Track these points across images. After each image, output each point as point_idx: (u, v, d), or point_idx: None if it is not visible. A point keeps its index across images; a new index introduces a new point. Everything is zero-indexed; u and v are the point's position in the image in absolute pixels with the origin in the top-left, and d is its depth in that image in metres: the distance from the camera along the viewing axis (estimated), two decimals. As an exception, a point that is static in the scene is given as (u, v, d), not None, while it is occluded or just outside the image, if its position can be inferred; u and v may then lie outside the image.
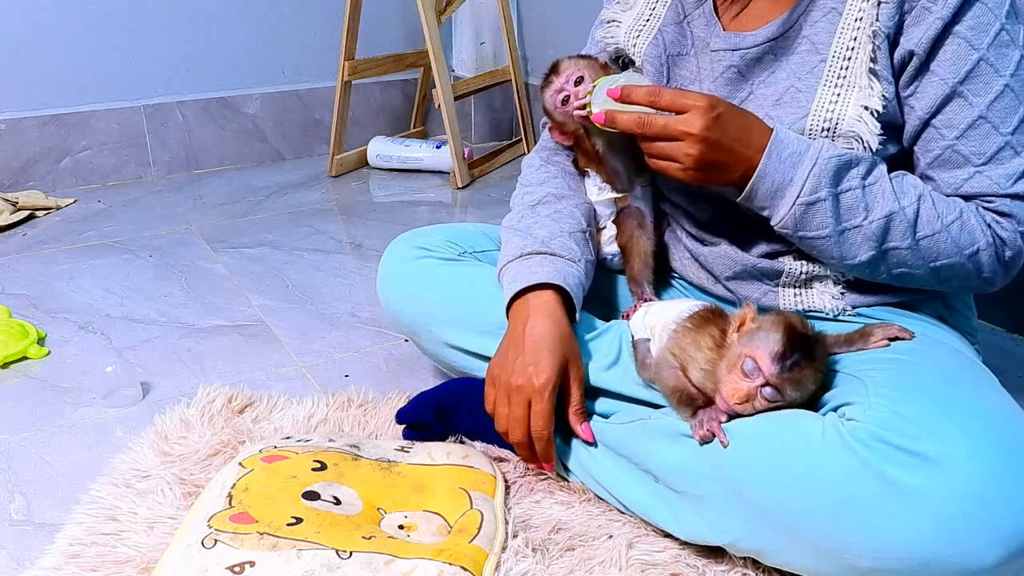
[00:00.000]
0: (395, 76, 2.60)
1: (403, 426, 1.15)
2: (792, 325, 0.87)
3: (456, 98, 2.30)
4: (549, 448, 0.98)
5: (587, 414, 1.01)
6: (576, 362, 0.99)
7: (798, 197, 0.89)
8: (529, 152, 2.65)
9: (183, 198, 2.23)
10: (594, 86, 0.99)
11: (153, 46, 2.31)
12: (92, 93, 2.27)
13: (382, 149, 2.46)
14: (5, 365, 1.38)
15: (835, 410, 0.85)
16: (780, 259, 0.99)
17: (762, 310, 0.98)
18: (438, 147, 2.41)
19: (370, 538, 0.89)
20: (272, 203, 2.19)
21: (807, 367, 0.85)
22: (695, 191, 1.04)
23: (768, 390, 0.85)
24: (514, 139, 2.66)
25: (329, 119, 2.44)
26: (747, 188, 0.91)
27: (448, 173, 2.37)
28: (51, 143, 2.23)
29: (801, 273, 0.99)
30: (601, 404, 1.04)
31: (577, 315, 1.02)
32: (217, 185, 2.33)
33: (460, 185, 2.29)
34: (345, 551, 0.86)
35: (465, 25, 2.66)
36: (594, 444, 0.99)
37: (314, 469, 0.98)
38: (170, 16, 2.30)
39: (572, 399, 0.99)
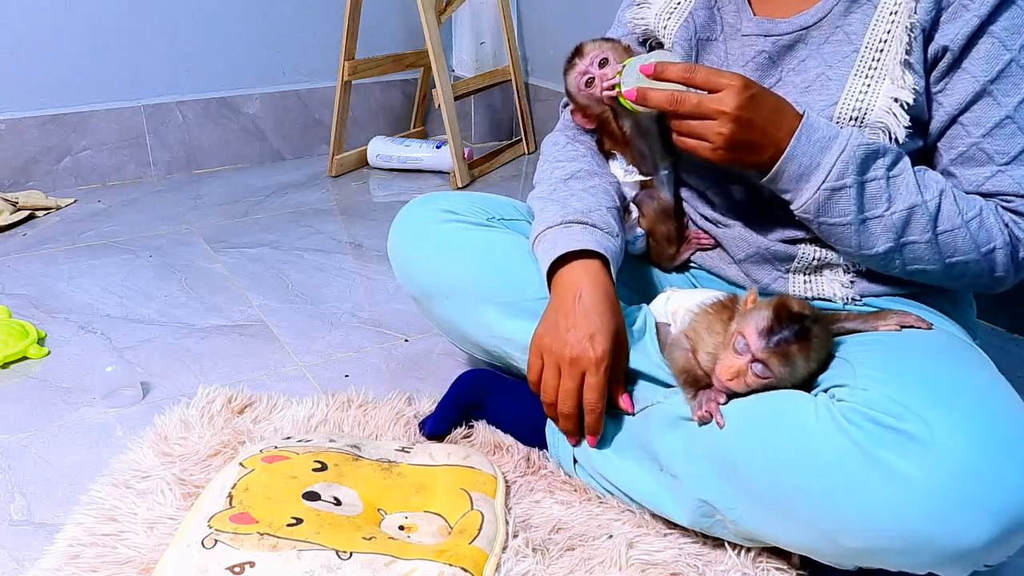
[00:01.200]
0: (395, 76, 2.60)
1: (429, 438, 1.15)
2: (785, 304, 0.88)
3: (456, 98, 2.30)
4: (600, 421, 0.98)
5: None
6: (624, 334, 0.99)
7: (824, 181, 0.89)
8: (529, 152, 2.66)
9: (183, 198, 2.23)
10: (623, 65, 0.98)
11: (153, 46, 2.31)
12: (92, 93, 2.27)
13: (382, 149, 2.46)
14: (5, 365, 1.38)
15: (825, 391, 0.85)
16: (793, 244, 1.00)
17: (768, 295, 0.98)
18: (438, 147, 2.41)
19: (370, 539, 0.89)
20: (272, 203, 2.19)
21: (795, 343, 0.85)
22: (714, 175, 1.05)
23: (757, 366, 0.86)
24: (514, 139, 2.66)
25: (329, 119, 2.44)
26: (774, 169, 0.90)
27: (448, 173, 2.37)
28: (51, 143, 2.23)
29: (813, 259, 0.99)
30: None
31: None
32: (217, 185, 2.33)
33: (460, 185, 2.29)
34: (345, 552, 0.86)
35: (465, 25, 2.66)
36: (633, 414, 0.99)
37: (315, 469, 0.98)
38: (170, 16, 2.30)
39: (618, 371, 0.98)
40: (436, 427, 1.14)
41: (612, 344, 0.96)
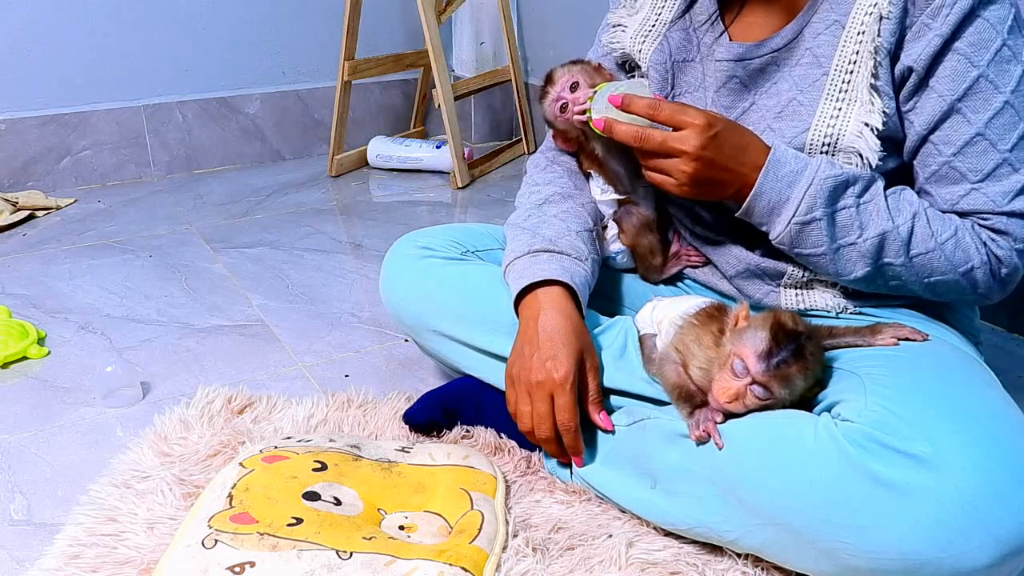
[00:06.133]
0: (395, 76, 2.60)
1: (408, 426, 1.16)
2: (780, 323, 0.87)
3: (456, 98, 2.30)
4: (577, 440, 0.98)
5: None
6: (591, 353, 1.00)
7: (793, 216, 0.90)
8: (529, 152, 2.67)
9: (183, 198, 2.23)
10: (595, 91, 0.98)
11: (153, 46, 2.31)
12: (92, 93, 2.27)
13: (382, 149, 2.46)
14: (5, 365, 1.38)
15: (831, 408, 0.85)
16: (782, 260, 0.99)
17: (760, 309, 0.98)
18: (438, 147, 2.41)
19: (371, 539, 0.89)
20: (272, 203, 2.19)
21: (795, 364, 0.85)
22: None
23: (757, 388, 0.86)
24: (514, 139, 2.66)
25: (329, 119, 2.44)
26: (744, 205, 0.92)
27: (448, 173, 2.37)
28: (51, 143, 2.23)
29: (803, 275, 0.99)
30: (604, 400, 1.04)
31: (583, 313, 1.02)
32: (217, 185, 2.33)
33: (460, 185, 2.29)
34: (346, 552, 0.86)
35: (465, 25, 2.66)
36: (612, 432, 0.99)
37: (315, 469, 0.98)
38: (170, 16, 2.30)
39: (589, 390, 0.99)
40: (412, 415, 1.15)
41: (576, 363, 0.96)
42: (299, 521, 0.89)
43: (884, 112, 0.90)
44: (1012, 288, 0.95)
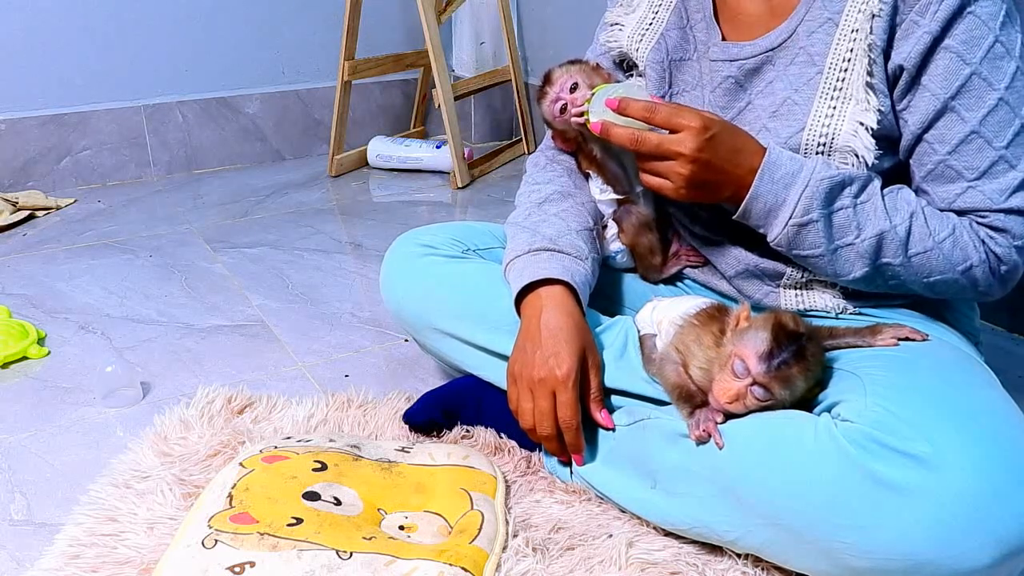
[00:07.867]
0: (395, 76, 2.60)
1: (408, 426, 1.16)
2: (781, 324, 0.87)
3: (456, 98, 2.30)
4: (578, 438, 0.98)
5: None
6: (592, 350, 1.00)
7: (790, 218, 0.89)
8: (529, 152, 2.67)
9: (183, 198, 2.23)
10: (593, 93, 0.98)
11: (153, 46, 2.31)
12: (92, 93, 2.27)
13: (382, 149, 2.46)
14: (5, 365, 1.38)
15: (831, 408, 0.85)
16: (781, 261, 0.99)
17: (760, 309, 0.98)
18: (438, 147, 2.41)
19: (371, 539, 0.89)
20: (272, 203, 2.19)
21: (796, 365, 0.85)
22: None
23: (758, 389, 0.86)
24: (514, 139, 2.66)
25: (329, 119, 2.44)
26: (741, 207, 0.92)
27: (448, 173, 2.37)
28: (51, 143, 2.23)
29: (802, 276, 0.99)
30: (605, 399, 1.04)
31: (584, 312, 1.02)
32: (217, 185, 2.33)
33: (460, 185, 2.29)
34: (346, 552, 0.86)
35: (465, 25, 2.66)
36: (614, 429, 0.99)
37: (314, 469, 0.98)
38: (170, 16, 2.31)
39: (591, 387, 0.99)
40: (412, 415, 1.15)
41: (578, 361, 0.96)
42: (299, 521, 0.89)
43: (879, 110, 0.90)
44: (1013, 284, 0.95)
